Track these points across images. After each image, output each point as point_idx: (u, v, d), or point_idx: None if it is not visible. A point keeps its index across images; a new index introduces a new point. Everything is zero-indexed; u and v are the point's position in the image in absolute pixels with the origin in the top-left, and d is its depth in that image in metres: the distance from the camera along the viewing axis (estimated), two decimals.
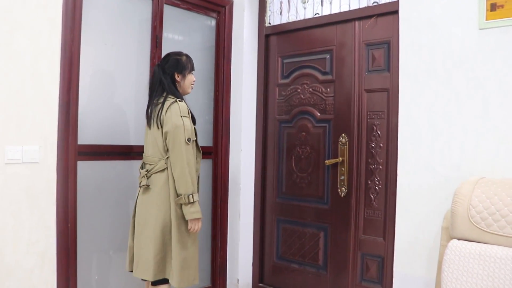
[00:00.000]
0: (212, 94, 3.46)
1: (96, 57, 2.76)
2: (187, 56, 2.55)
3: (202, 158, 2.79)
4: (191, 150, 2.33)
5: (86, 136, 2.67)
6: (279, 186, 3.42)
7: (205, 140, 3.40)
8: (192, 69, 2.55)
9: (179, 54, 2.54)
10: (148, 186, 2.40)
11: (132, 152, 2.87)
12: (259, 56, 3.51)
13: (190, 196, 2.31)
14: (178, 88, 2.50)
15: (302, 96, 3.28)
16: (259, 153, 3.51)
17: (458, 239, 1.97)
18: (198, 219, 2.37)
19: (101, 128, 2.78)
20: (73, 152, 2.53)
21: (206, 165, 3.39)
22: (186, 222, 2.38)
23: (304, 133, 3.26)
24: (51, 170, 2.46)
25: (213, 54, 3.45)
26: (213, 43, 3.45)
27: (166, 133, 2.34)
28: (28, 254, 2.37)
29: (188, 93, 2.58)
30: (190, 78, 2.54)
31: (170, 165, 2.35)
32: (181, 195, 2.32)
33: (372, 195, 2.90)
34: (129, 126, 2.89)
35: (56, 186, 2.47)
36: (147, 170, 2.43)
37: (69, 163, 2.51)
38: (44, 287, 2.43)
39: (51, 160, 2.46)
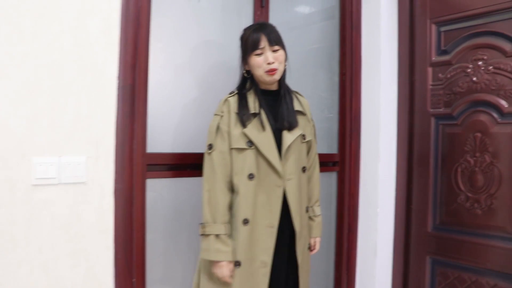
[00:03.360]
0: (336, 79, 2.69)
1: (177, 17, 1.94)
2: (251, 31, 1.82)
3: (323, 170, 2.30)
4: (213, 160, 1.77)
5: (159, 141, 1.89)
6: (434, 212, 2.57)
7: (327, 145, 2.67)
8: (254, 48, 1.78)
9: (243, 31, 1.88)
10: None
11: None
12: (400, 24, 2.72)
13: (201, 225, 1.75)
14: (255, 79, 1.86)
15: (474, 78, 2.38)
16: (403, 163, 2.68)
17: None
18: (214, 262, 1.70)
19: (182, 128, 1.98)
20: (140, 165, 1.77)
21: (328, 180, 2.67)
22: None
23: (479, 134, 2.38)
24: (106, 195, 1.66)
25: (337, 23, 2.71)
26: (337, 8, 2.71)
27: None
28: None
29: (268, 82, 1.81)
30: (254, 61, 1.79)
31: None
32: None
33: None
34: None
35: (113, 220, 1.68)
36: None
37: (133, 182, 1.74)
38: None
39: (106, 179, 1.67)
